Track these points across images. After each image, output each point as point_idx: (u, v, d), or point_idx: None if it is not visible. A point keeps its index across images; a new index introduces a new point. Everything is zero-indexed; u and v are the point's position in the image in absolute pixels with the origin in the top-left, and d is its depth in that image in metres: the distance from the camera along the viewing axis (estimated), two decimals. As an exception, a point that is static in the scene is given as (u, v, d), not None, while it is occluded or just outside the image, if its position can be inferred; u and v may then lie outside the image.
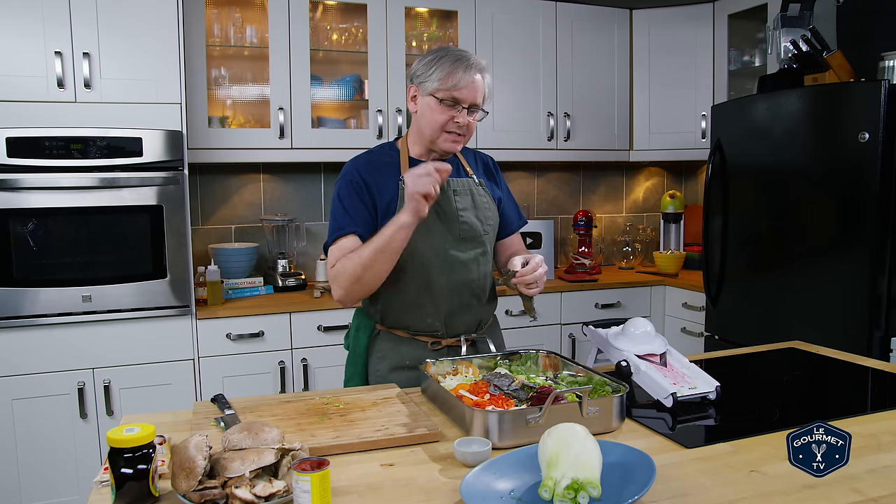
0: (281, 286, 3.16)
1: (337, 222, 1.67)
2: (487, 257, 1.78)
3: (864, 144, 2.38)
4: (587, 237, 3.69)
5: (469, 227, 1.72)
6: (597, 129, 3.65)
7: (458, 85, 1.62)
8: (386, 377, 1.73)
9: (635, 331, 1.58)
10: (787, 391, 1.63)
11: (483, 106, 1.69)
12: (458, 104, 1.64)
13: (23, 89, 2.48)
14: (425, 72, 1.65)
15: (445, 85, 1.62)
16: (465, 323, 1.74)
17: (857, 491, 1.05)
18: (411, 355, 1.73)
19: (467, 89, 1.63)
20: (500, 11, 3.40)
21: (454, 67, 1.62)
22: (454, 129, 1.66)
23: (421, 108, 1.68)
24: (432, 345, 1.74)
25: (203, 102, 2.96)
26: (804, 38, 2.79)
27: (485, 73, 1.67)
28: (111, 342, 2.62)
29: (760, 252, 2.83)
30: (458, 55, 1.65)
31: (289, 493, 1.00)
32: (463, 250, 1.72)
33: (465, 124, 1.66)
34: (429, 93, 1.65)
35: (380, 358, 1.76)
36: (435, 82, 1.63)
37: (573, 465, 0.99)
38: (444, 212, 1.70)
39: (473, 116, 1.67)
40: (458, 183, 1.74)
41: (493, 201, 1.81)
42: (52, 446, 2.58)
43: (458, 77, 1.61)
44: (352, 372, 1.80)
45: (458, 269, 1.71)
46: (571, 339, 3.37)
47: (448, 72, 1.62)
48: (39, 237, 2.52)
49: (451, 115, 1.64)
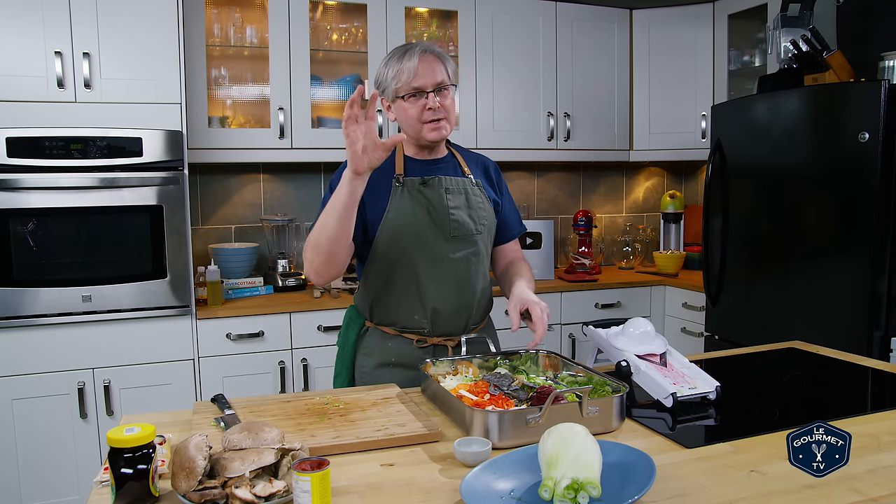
0: (281, 286, 3.16)
1: (321, 209, 1.67)
2: (480, 258, 1.77)
3: (864, 144, 2.38)
4: (587, 237, 3.69)
5: (460, 226, 1.72)
6: (597, 129, 3.65)
7: (410, 74, 1.63)
8: (371, 374, 1.74)
9: (635, 331, 1.58)
10: (787, 391, 1.63)
11: (451, 82, 1.69)
12: (421, 92, 1.65)
13: (23, 89, 2.48)
14: (383, 80, 1.69)
15: (401, 81, 1.64)
16: (452, 322, 1.74)
17: (857, 491, 1.05)
18: (398, 352, 1.73)
19: (421, 74, 1.63)
20: (500, 11, 3.40)
21: (400, 61, 1.65)
22: (430, 117, 1.66)
23: (397, 115, 1.71)
24: (418, 342, 1.74)
25: (203, 102, 2.96)
26: (804, 38, 2.79)
27: (433, 52, 1.67)
28: (111, 342, 2.62)
29: (760, 252, 2.83)
30: (401, 49, 1.68)
31: (289, 493, 1.00)
32: (453, 249, 1.72)
33: (439, 107, 1.66)
34: (393, 96, 1.67)
35: (366, 354, 1.76)
36: (393, 83, 1.66)
37: (573, 465, 0.99)
38: (434, 209, 1.70)
39: (444, 96, 1.67)
40: (451, 181, 1.74)
41: (489, 202, 1.80)
42: (52, 446, 2.58)
43: (406, 67, 1.63)
44: (340, 368, 1.81)
45: (446, 267, 1.71)
46: (571, 339, 3.37)
47: (397, 68, 1.65)
48: (39, 237, 2.52)
49: (421, 104, 1.65)
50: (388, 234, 1.68)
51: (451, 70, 1.70)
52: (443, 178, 1.73)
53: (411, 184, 1.70)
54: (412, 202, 1.69)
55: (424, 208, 1.69)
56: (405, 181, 1.70)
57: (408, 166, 1.73)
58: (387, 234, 1.68)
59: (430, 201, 1.70)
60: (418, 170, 1.74)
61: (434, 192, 1.71)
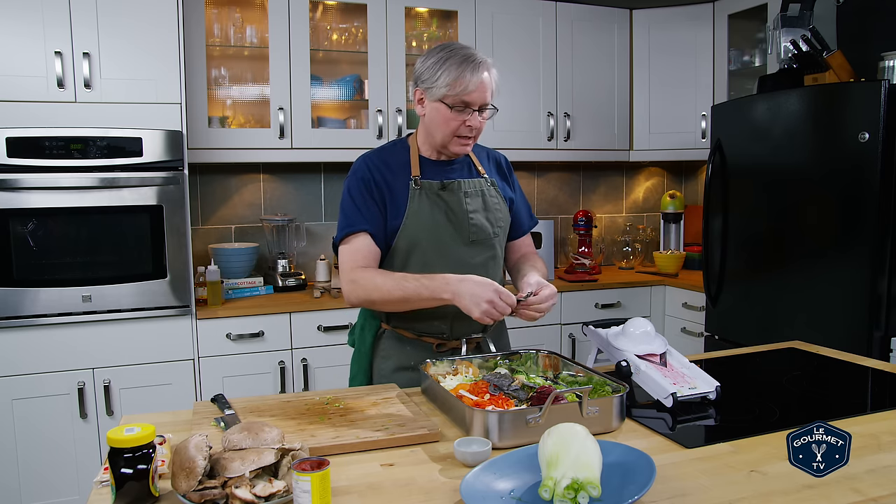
0: (281, 286, 3.16)
1: (347, 219, 1.65)
2: (497, 261, 1.76)
3: (864, 144, 2.38)
4: (587, 237, 3.69)
5: (479, 230, 1.70)
6: (597, 129, 3.65)
7: (467, 89, 1.57)
8: (390, 377, 1.73)
9: (635, 331, 1.58)
10: (787, 391, 1.63)
11: (492, 102, 1.65)
12: (468, 107, 1.60)
13: (23, 89, 2.48)
14: (431, 76, 1.60)
15: (454, 91, 1.58)
16: (471, 326, 1.73)
17: (857, 491, 1.05)
18: (416, 356, 1.71)
19: (477, 92, 1.59)
20: (500, 11, 3.40)
21: (461, 71, 1.57)
22: (465, 133, 1.63)
23: (430, 114, 1.64)
24: (437, 346, 1.73)
25: (203, 102, 2.96)
26: (804, 38, 2.79)
27: (491, 70, 1.62)
28: (111, 342, 2.62)
29: (760, 252, 2.83)
30: (463, 55, 1.59)
31: (289, 493, 1.00)
32: (473, 254, 1.70)
33: (477, 126, 1.63)
34: (437, 98, 1.61)
35: (384, 357, 1.75)
36: (443, 88, 1.58)
37: (573, 465, 0.99)
38: (454, 213, 1.68)
39: (483, 115, 1.64)
40: (469, 184, 1.72)
41: (505, 202, 1.79)
42: (52, 446, 2.58)
43: (467, 81, 1.57)
44: (356, 370, 1.80)
45: (467, 273, 1.68)
46: (571, 339, 3.37)
47: (456, 76, 1.57)
48: (39, 237, 2.52)
49: (462, 119, 1.61)
50: (407, 239, 1.66)
51: (497, 91, 1.66)
52: (462, 181, 1.71)
53: (429, 187, 1.68)
54: (431, 206, 1.67)
55: (444, 213, 1.67)
56: (423, 184, 1.67)
57: (424, 168, 1.70)
58: (406, 239, 1.66)
59: (449, 206, 1.68)
60: (435, 171, 1.71)
61: (453, 196, 1.68)
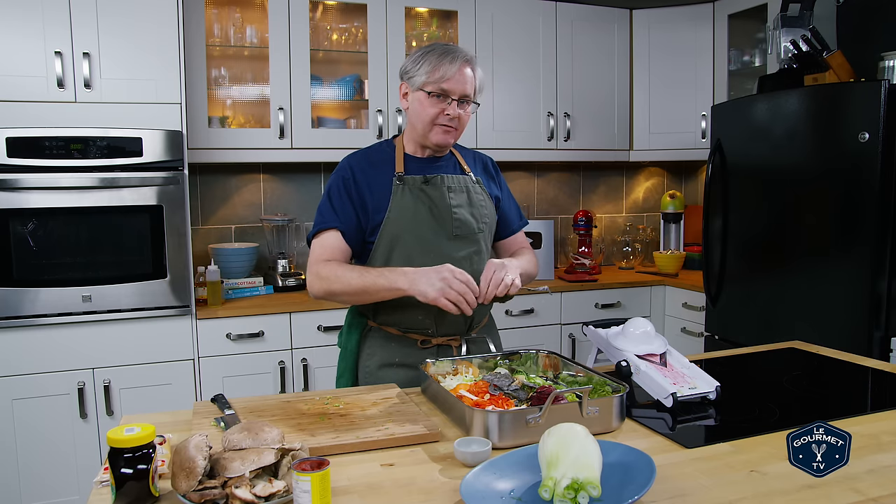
0: (281, 286, 3.16)
1: (322, 216, 1.72)
2: (482, 256, 1.77)
3: (864, 144, 2.38)
4: (587, 237, 3.69)
5: (462, 224, 1.72)
6: (597, 129, 3.65)
7: (445, 76, 1.63)
8: (375, 374, 1.74)
9: (635, 331, 1.58)
10: (787, 391, 1.63)
11: (475, 98, 1.70)
12: (447, 96, 1.65)
13: (23, 89, 2.48)
14: (413, 67, 1.68)
15: (433, 77, 1.64)
16: (455, 322, 1.74)
17: (857, 491, 1.05)
18: (401, 352, 1.73)
19: (455, 80, 1.64)
20: (500, 11, 3.40)
21: (441, 60, 1.64)
22: (445, 122, 1.67)
23: (412, 104, 1.70)
24: (422, 343, 1.74)
25: (203, 102, 2.96)
26: (804, 38, 2.79)
27: (473, 65, 1.69)
28: (111, 342, 2.62)
29: (760, 252, 2.83)
30: (444, 49, 1.67)
31: (289, 493, 1.00)
32: (456, 249, 1.72)
33: (456, 117, 1.67)
34: (418, 87, 1.67)
35: (369, 354, 1.76)
36: (423, 76, 1.65)
37: (573, 465, 0.99)
38: (437, 208, 1.70)
39: (464, 109, 1.68)
40: (453, 179, 1.75)
41: (491, 199, 1.81)
42: (52, 446, 2.58)
43: (445, 68, 1.63)
44: (343, 368, 1.81)
45: None
46: (571, 339, 3.37)
47: (435, 64, 1.64)
48: (39, 237, 2.52)
49: (441, 107, 1.65)
50: (390, 234, 1.68)
51: (479, 88, 1.71)
52: (445, 176, 1.73)
53: (412, 182, 1.70)
54: (414, 201, 1.69)
55: (427, 207, 1.69)
56: (406, 179, 1.70)
57: (408, 165, 1.74)
58: (389, 234, 1.68)
59: (432, 200, 1.70)
60: (419, 168, 1.74)
61: (436, 190, 1.71)
